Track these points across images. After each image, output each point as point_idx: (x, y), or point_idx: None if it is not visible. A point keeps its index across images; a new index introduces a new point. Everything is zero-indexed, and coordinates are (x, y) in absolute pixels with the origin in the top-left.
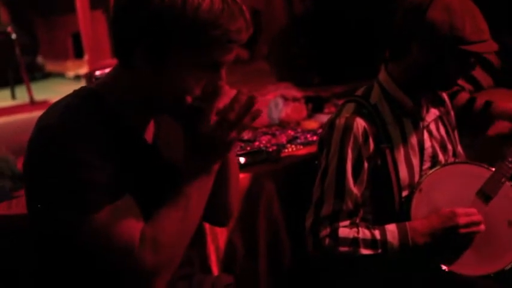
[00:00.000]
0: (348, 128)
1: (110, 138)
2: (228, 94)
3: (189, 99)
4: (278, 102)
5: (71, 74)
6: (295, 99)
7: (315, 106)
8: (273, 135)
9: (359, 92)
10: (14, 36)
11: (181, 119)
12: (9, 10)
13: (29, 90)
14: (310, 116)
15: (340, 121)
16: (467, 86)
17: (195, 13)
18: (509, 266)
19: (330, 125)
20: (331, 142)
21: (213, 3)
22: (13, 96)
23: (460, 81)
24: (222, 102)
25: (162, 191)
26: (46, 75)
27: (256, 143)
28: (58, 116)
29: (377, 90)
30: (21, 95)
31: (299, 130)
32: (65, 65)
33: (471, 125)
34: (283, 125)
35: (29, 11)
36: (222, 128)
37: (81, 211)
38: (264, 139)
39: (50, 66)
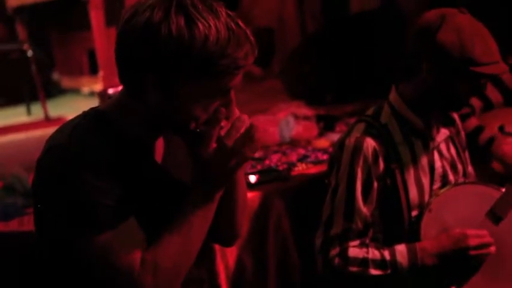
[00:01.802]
0: (357, 148)
1: (118, 159)
2: (230, 120)
3: (192, 124)
4: (289, 121)
5: (85, 90)
6: (306, 118)
7: (326, 125)
8: (284, 153)
9: (369, 112)
10: (30, 53)
11: (187, 142)
12: (25, 26)
13: (44, 107)
14: (321, 135)
15: (350, 141)
16: (477, 103)
17: (203, 46)
18: None
19: (340, 144)
20: (341, 162)
21: (220, 33)
22: (28, 113)
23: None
24: (225, 128)
25: (169, 212)
26: (62, 91)
27: (267, 162)
28: (67, 137)
29: (387, 110)
30: (37, 111)
31: (310, 149)
32: (80, 81)
33: (475, 154)
34: (294, 143)
35: (45, 27)
36: (221, 155)
37: (84, 232)
38: (275, 157)
39: (66, 82)
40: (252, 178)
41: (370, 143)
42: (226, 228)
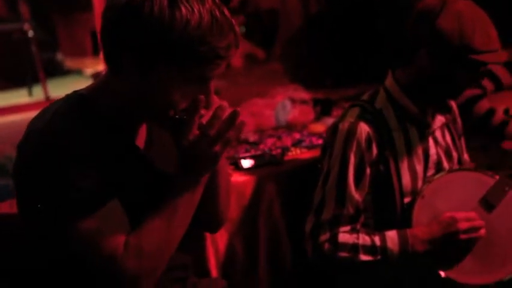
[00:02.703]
0: (351, 132)
1: (99, 144)
2: (212, 109)
3: (172, 111)
4: (286, 105)
5: (88, 71)
6: (303, 102)
7: (323, 109)
8: (279, 138)
9: (365, 97)
10: (31, 33)
11: (168, 130)
12: (29, 7)
13: (45, 88)
14: (317, 119)
15: (344, 125)
16: (488, 85)
17: (184, 29)
18: (509, 277)
19: (334, 129)
20: (334, 146)
21: (202, 18)
22: (30, 94)
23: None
24: (206, 116)
25: (152, 197)
26: (65, 72)
27: (262, 146)
28: (47, 121)
29: (383, 96)
30: (38, 92)
31: (305, 133)
32: (84, 62)
33: (486, 135)
34: (290, 127)
35: (49, 8)
36: (204, 142)
37: (65, 217)
38: (270, 141)
39: (69, 63)
40: (245, 163)
41: (363, 128)
42: (210, 214)
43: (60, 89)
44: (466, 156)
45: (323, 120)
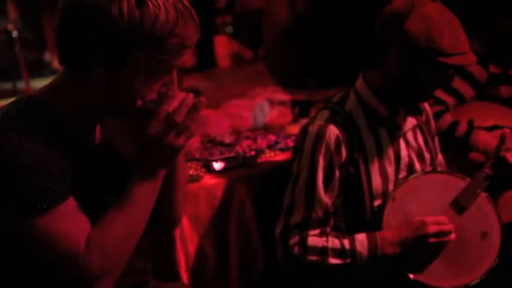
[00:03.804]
0: (320, 135)
1: (54, 142)
2: (178, 98)
3: (139, 102)
4: (264, 106)
5: None
6: (281, 103)
7: (301, 110)
8: (255, 139)
9: (335, 99)
10: (15, 34)
11: (131, 122)
12: (17, 7)
13: (28, 87)
14: (295, 121)
15: (313, 128)
16: (450, 100)
17: (153, 25)
18: (475, 282)
19: (303, 131)
20: (304, 149)
21: (168, 12)
22: (14, 93)
23: (443, 95)
24: (172, 106)
25: (109, 194)
26: (53, 72)
27: (237, 148)
28: None
29: (353, 98)
30: (23, 91)
31: (282, 135)
32: None
33: (453, 148)
34: (267, 129)
35: (37, 7)
36: (170, 132)
37: (23, 216)
38: (245, 143)
39: (57, 63)
40: (217, 165)
41: (333, 131)
42: (168, 212)
43: None
44: (440, 157)
45: (300, 121)
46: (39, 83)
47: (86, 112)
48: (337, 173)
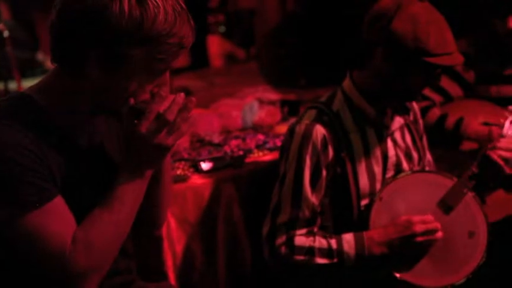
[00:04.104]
0: (307, 135)
1: (42, 140)
2: (169, 97)
3: (132, 100)
4: (253, 106)
5: None
6: (271, 103)
7: (291, 110)
8: (243, 139)
9: (322, 98)
10: (6, 33)
11: (122, 121)
12: (9, 6)
13: (19, 87)
14: (284, 120)
15: (300, 128)
16: (437, 98)
17: (152, 24)
18: (462, 281)
19: (290, 131)
20: (290, 149)
21: (167, 12)
22: (6, 93)
23: (430, 93)
24: (163, 105)
25: (99, 193)
26: (46, 72)
27: (226, 147)
28: None
29: (340, 97)
30: (14, 91)
31: (271, 135)
32: None
33: (443, 142)
34: (256, 128)
35: (30, 7)
36: (161, 131)
37: (9, 213)
38: (234, 143)
39: (50, 63)
40: (205, 165)
41: (319, 131)
42: (153, 213)
43: None
44: (429, 156)
45: (290, 121)
46: (31, 83)
47: (76, 111)
48: (324, 173)
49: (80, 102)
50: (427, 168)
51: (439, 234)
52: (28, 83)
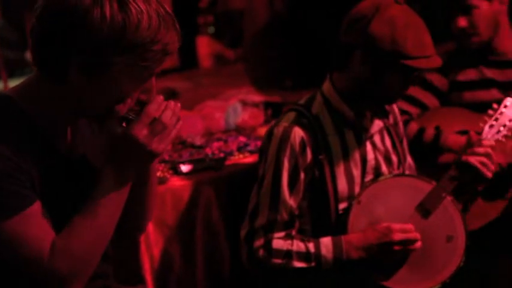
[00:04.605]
0: (285, 137)
1: (22, 144)
2: (162, 103)
3: (122, 109)
4: (236, 108)
5: None
6: (254, 105)
7: (275, 112)
8: (225, 141)
9: (302, 101)
10: None
11: (105, 128)
12: (0, 6)
13: (6, 86)
14: (268, 122)
15: (278, 130)
16: (414, 110)
17: (136, 31)
18: (440, 285)
19: (269, 133)
20: (269, 151)
21: (151, 18)
22: None
23: (406, 106)
24: (158, 111)
25: (79, 200)
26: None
27: (207, 150)
28: None
29: (319, 100)
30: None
31: (252, 137)
32: None
33: (423, 155)
34: (239, 130)
35: (21, 7)
36: (155, 137)
37: None
38: (216, 145)
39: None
40: (184, 167)
41: (298, 133)
42: (137, 216)
43: None
44: (409, 160)
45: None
46: (17, 83)
47: (57, 116)
48: (302, 176)
49: (61, 108)
50: (407, 172)
51: (418, 244)
52: (17, 83)
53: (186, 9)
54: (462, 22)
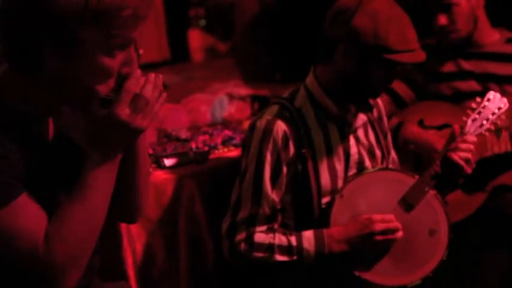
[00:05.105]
0: (267, 131)
1: (2, 135)
2: (141, 77)
3: (103, 90)
4: (223, 101)
5: None
6: (241, 98)
7: (262, 105)
8: (211, 135)
9: (285, 94)
10: None
11: (89, 110)
12: None
13: None
14: (254, 115)
15: (261, 123)
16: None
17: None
18: (422, 279)
19: (251, 126)
20: (251, 144)
21: None
22: None
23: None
24: (138, 86)
25: (67, 187)
26: None
27: (192, 143)
28: None
29: (303, 93)
30: None
31: (238, 130)
32: None
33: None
34: (225, 124)
35: None
36: (138, 113)
37: None
38: (201, 139)
39: None
40: (167, 161)
41: (280, 127)
42: (129, 203)
43: None
44: (393, 154)
45: None
46: None
47: (37, 104)
48: (284, 170)
49: (41, 97)
50: (390, 166)
51: (399, 234)
52: None
53: (177, 2)
54: (442, 20)
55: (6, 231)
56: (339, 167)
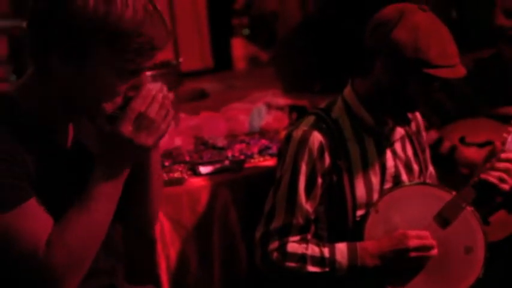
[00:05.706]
0: (303, 141)
1: (18, 140)
2: (148, 96)
3: (110, 107)
4: (261, 110)
5: None
6: (279, 108)
7: (300, 115)
8: (248, 144)
9: (322, 105)
10: None
11: (96, 125)
12: None
13: None
14: (291, 125)
15: (297, 133)
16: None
17: (118, 22)
18: None
19: (287, 137)
20: (287, 154)
21: (136, 11)
22: None
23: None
24: (144, 105)
25: (76, 193)
26: None
27: (229, 152)
28: None
29: (340, 105)
30: None
31: (275, 140)
32: None
33: (438, 165)
34: (263, 133)
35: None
36: (141, 131)
37: None
38: (238, 147)
39: None
40: (203, 169)
41: (316, 137)
42: (142, 213)
43: None
44: (431, 169)
45: None
46: None
47: (55, 111)
48: (319, 180)
49: (55, 104)
50: (427, 181)
51: (434, 251)
52: None
53: (221, 11)
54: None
55: (11, 231)
56: (375, 180)
